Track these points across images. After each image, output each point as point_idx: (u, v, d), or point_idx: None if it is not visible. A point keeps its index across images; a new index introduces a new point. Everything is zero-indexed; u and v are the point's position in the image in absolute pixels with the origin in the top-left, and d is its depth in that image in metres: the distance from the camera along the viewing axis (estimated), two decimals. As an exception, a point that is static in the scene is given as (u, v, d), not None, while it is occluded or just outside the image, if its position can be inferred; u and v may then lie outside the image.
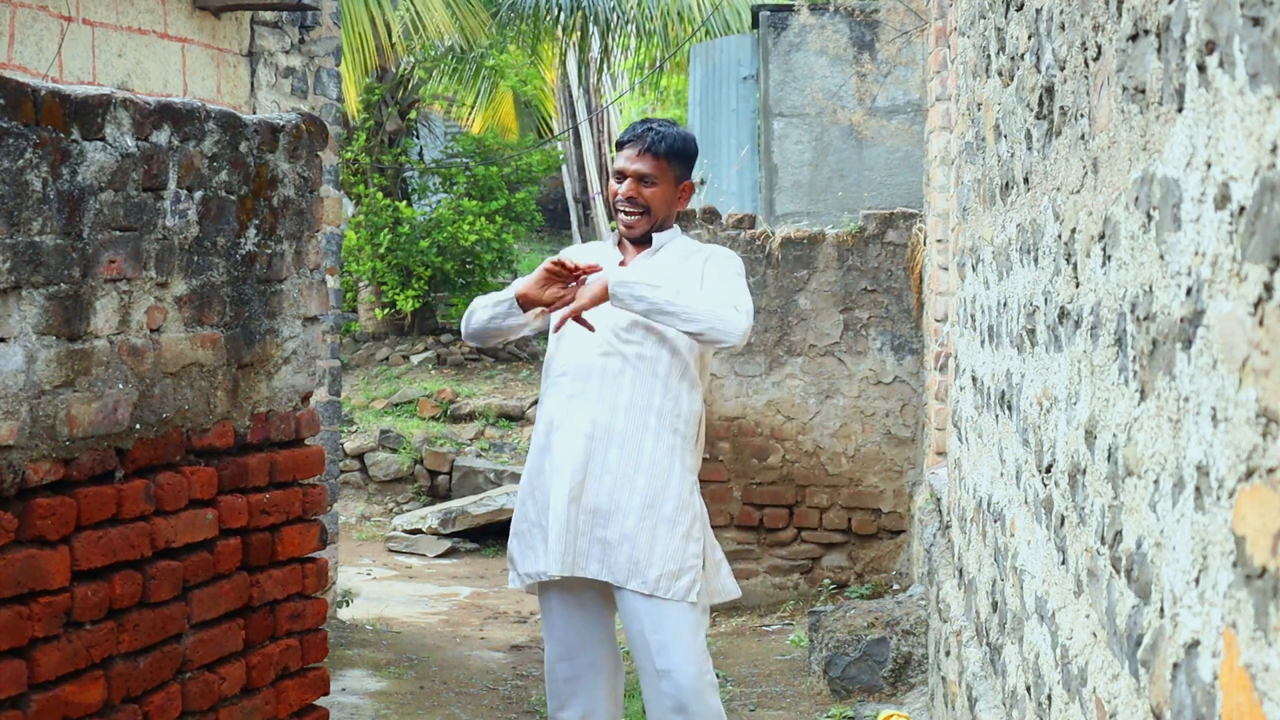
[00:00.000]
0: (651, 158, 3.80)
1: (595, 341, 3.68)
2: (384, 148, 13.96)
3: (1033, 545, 2.41)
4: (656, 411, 3.66)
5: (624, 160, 3.84)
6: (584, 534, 3.63)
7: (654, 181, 3.80)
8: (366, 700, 5.64)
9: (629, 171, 3.81)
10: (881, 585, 7.21)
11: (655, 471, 3.64)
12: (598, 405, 3.66)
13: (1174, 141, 1.36)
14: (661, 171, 3.81)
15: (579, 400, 3.68)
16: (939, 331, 5.90)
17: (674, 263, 3.79)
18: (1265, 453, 1.07)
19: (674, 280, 3.71)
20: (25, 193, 2.59)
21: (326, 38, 6.48)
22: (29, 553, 2.58)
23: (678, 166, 3.84)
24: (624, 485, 3.63)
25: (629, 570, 3.61)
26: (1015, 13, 2.63)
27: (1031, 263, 2.42)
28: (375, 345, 13.51)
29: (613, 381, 3.66)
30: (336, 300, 6.79)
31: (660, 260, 3.81)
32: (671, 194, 3.84)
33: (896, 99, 8.87)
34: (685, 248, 3.85)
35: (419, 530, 9.68)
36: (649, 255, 3.83)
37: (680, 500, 3.66)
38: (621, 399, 3.66)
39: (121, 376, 2.85)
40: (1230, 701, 1.14)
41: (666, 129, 3.85)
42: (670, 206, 3.85)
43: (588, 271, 3.66)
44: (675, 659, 3.61)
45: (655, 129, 3.84)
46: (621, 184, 3.82)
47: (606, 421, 3.65)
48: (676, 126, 3.90)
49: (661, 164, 3.80)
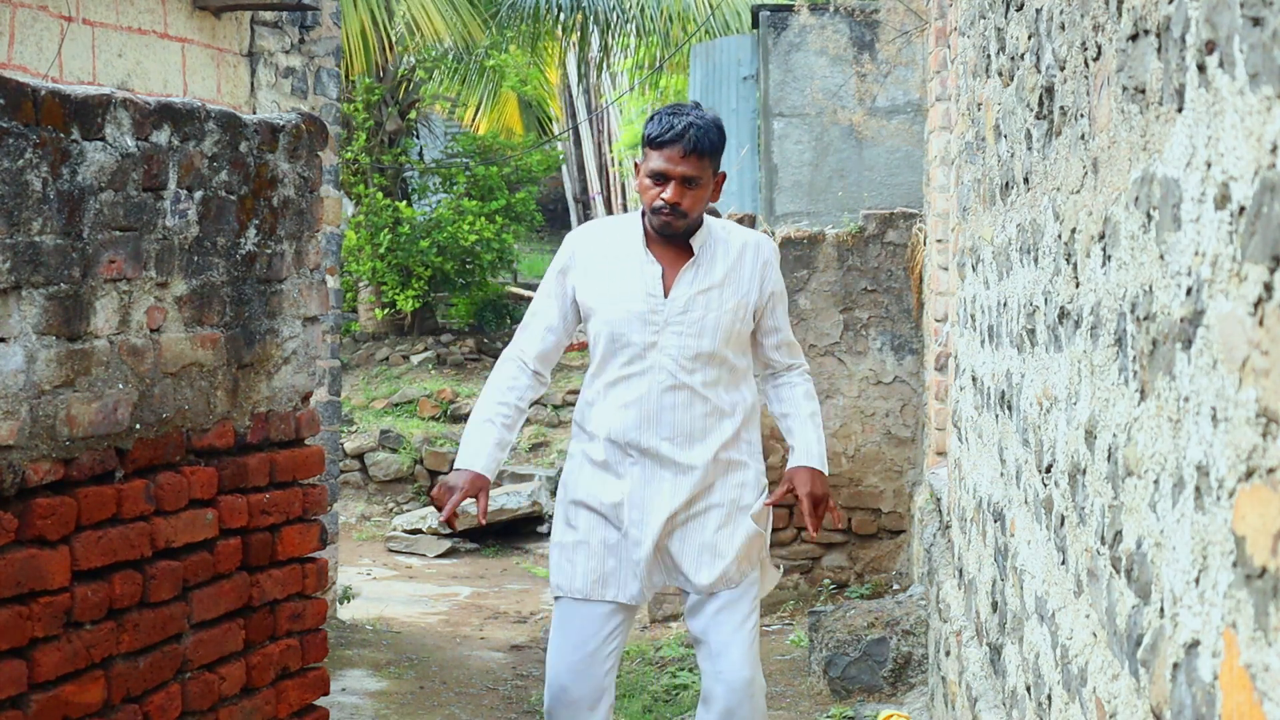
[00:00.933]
0: (696, 159, 3.51)
1: (661, 372, 3.55)
2: (384, 148, 13.96)
3: (1033, 545, 2.41)
4: (729, 438, 3.59)
5: (664, 161, 3.51)
6: (662, 564, 3.58)
7: (698, 183, 3.52)
8: (366, 700, 5.64)
9: (674, 174, 3.50)
10: (881, 585, 7.21)
11: (728, 497, 3.60)
12: (673, 440, 3.55)
13: (1174, 141, 1.36)
14: (704, 171, 3.53)
15: (649, 432, 3.55)
16: (939, 331, 5.90)
17: (721, 273, 3.59)
18: (1265, 453, 1.07)
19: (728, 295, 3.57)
20: (25, 193, 2.59)
21: (326, 38, 6.48)
22: (29, 553, 2.58)
23: (716, 160, 3.57)
24: (698, 519, 3.57)
25: (710, 574, 3.55)
26: (1015, 13, 2.63)
27: (1031, 263, 2.42)
28: (375, 345, 13.51)
29: (684, 414, 3.56)
30: (336, 300, 6.79)
31: (709, 271, 3.59)
32: (709, 190, 3.59)
33: (896, 99, 8.87)
34: (724, 247, 3.61)
35: (419, 530, 9.67)
36: (692, 270, 3.59)
37: (758, 488, 3.66)
38: (696, 433, 3.56)
39: (121, 376, 2.85)
40: (1230, 701, 1.14)
41: (704, 121, 3.54)
42: (707, 203, 3.61)
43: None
44: (734, 660, 3.53)
45: (695, 124, 3.52)
46: (662, 186, 3.52)
47: (685, 458, 3.55)
48: (707, 114, 3.60)
49: (705, 163, 3.53)
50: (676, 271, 3.59)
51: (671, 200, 3.50)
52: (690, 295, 3.56)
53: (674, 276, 3.59)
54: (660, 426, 3.54)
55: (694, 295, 3.57)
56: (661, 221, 3.54)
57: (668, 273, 3.60)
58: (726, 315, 3.56)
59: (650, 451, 3.54)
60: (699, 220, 3.59)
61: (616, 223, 3.75)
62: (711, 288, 3.58)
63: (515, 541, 9.61)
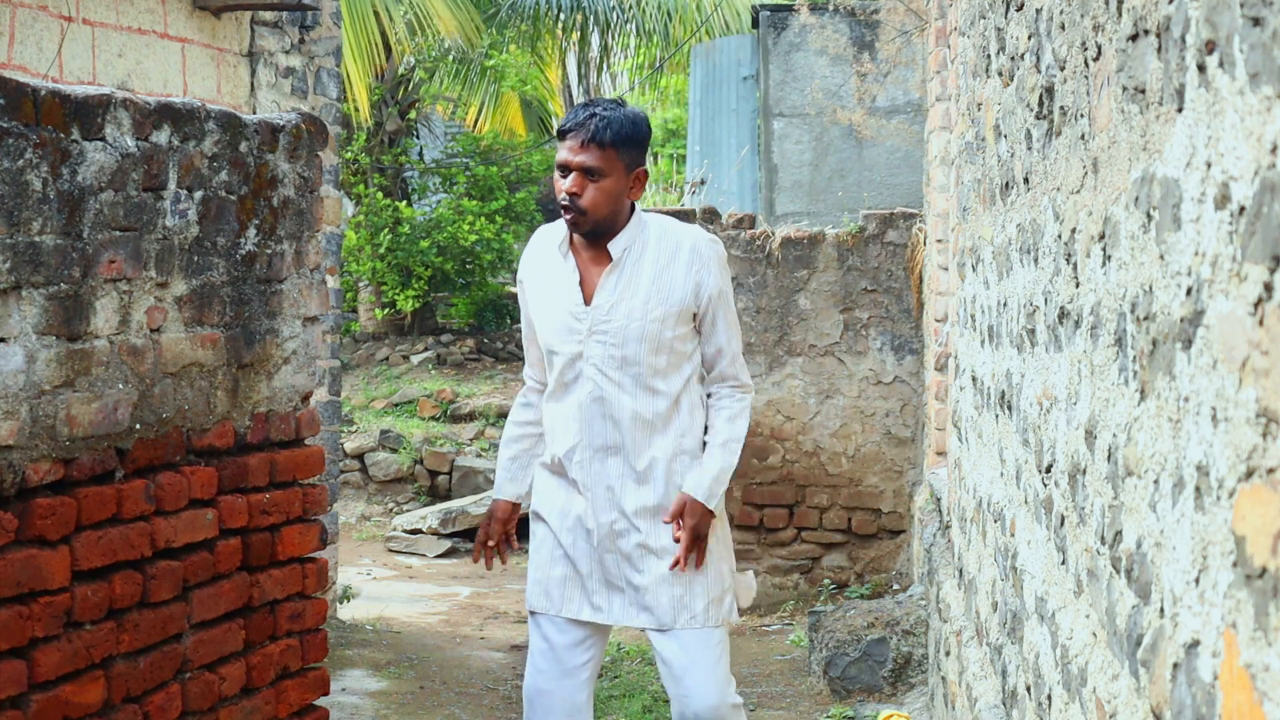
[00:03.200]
0: (597, 148, 3.33)
1: (588, 383, 3.40)
2: (384, 148, 13.97)
3: (1033, 545, 2.41)
4: (674, 449, 3.41)
5: (566, 152, 3.36)
6: (617, 584, 3.42)
7: (601, 175, 3.34)
8: (366, 700, 5.64)
9: (573, 165, 3.34)
10: (881, 585, 7.21)
11: None
12: (618, 447, 3.40)
13: (1174, 141, 1.36)
14: (610, 162, 3.34)
15: (593, 437, 3.41)
16: (939, 331, 5.90)
17: (649, 276, 3.38)
18: (1265, 453, 1.07)
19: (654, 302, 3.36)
20: (25, 193, 2.59)
21: (326, 38, 6.48)
22: (29, 553, 2.58)
23: (628, 154, 3.36)
24: (653, 530, 3.40)
25: (675, 610, 3.38)
26: (1015, 13, 2.63)
27: (1031, 263, 2.42)
28: (375, 345, 13.52)
29: (613, 426, 3.40)
30: (336, 300, 6.79)
31: (634, 276, 3.39)
32: (622, 186, 3.37)
33: (896, 99, 8.87)
34: (656, 247, 3.41)
35: (419, 530, 9.68)
36: (614, 272, 3.40)
37: (713, 525, 3.43)
38: (640, 439, 3.39)
39: (121, 376, 2.85)
40: (1230, 701, 1.14)
41: (612, 112, 3.37)
42: (620, 200, 3.38)
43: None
44: (699, 683, 3.38)
45: (600, 114, 3.36)
46: (565, 178, 3.37)
47: (629, 465, 3.40)
48: (624, 107, 3.43)
49: (609, 154, 3.34)
50: (599, 277, 3.42)
51: (569, 191, 3.34)
52: (612, 302, 3.38)
53: (596, 282, 3.42)
54: (593, 438, 3.40)
55: (615, 302, 3.38)
56: (566, 218, 3.39)
57: (589, 278, 3.44)
58: (653, 324, 3.36)
59: (584, 464, 3.43)
60: (610, 219, 3.39)
61: (552, 229, 3.58)
62: (635, 294, 3.38)
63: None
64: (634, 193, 3.42)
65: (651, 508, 3.40)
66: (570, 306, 3.42)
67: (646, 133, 3.43)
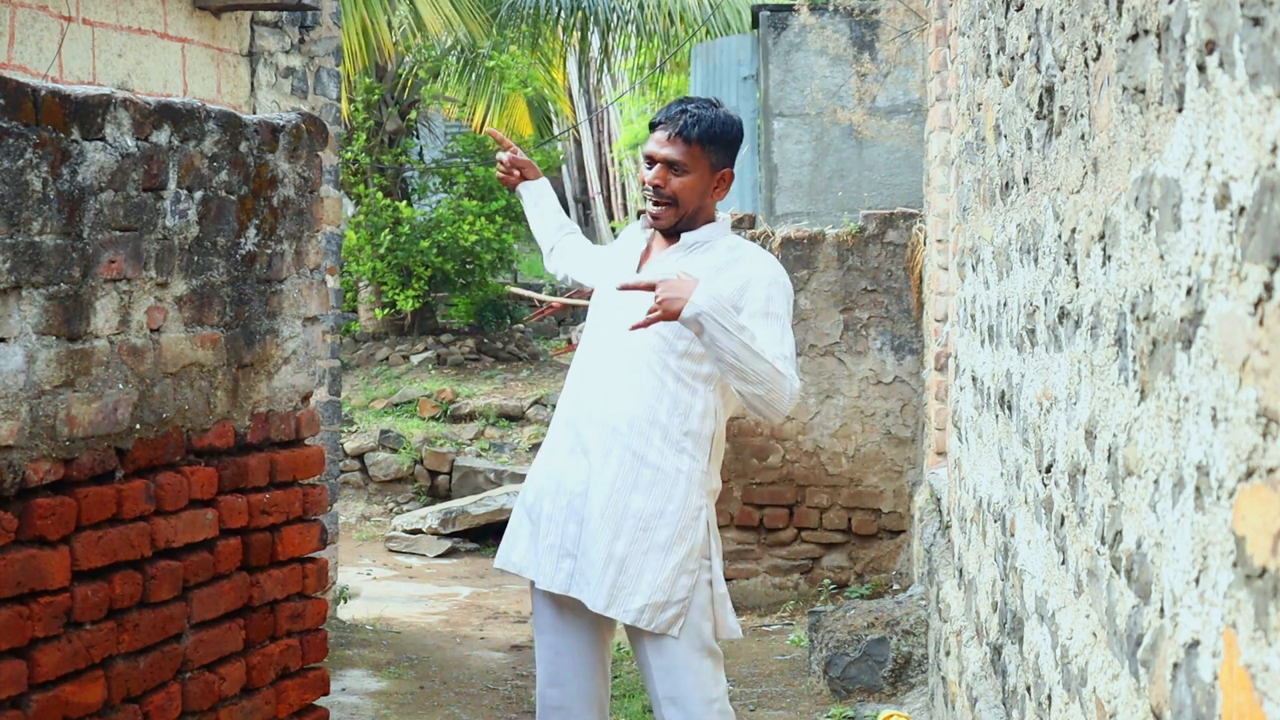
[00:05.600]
0: (683, 143, 3.37)
1: (620, 351, 3.36)
2: (384, 148, 13.97)
3: (1033, 545, 2.41)
4: (662, 427, 3.31)
5: (653, 144, 3.41)
6: (573, 551, 3.35)
7: (685, 170, 3.38)
8: (366, 700, 5.64)
9: (657, 157, 3.39)
10: (881, 585, 7.21)
11: (654, 493, 3.30)
12: (604, 414, 3.34)
13: (1174, 141, 1.36)
14: (694, 159, 3.38)
15: (586, 406, 3.37)
16: (939, 331, 5.90)
17: (709, 269, 3.34)
18: (1265, 453, 1.07)
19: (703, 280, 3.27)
20: (25, 193, 2.59)
21: (326, 38, 6.48)
22: (29, 553, 2.58)
23: (714, 153, 3.40)
24: (617, 506, 3.30)
25: (610, 596, 3.28)
26: (1015, 13, 2.63)
27: (1031, 263, 2.42)
28: (375, 345, 13.52)
29: (623, 387, 3.33)
30: (336, 300, 6.79)
31: (693, 264, 3.36)
32: (706, 184, 3.40)
33: (896, 99, 8.87)
34: (725, 254, 3.40)
35: (419, 530, 9.68)
36: (677, 252, 3.42)
37: (678, 529, 3.30)
38: (629, 409, 3.31)
39: (121, 376, 2.85)
40: (1230, 701, 1.14)
41: (704, 111, 3.41)
42: (704, 198, 3.41)
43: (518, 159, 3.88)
44: (681, 689, 3.31)
45: (691, 110, 3.40)
46: (650, 170, 3.41)
47: (608, 435, 3.33)
48: (718, 108, 3.46)
49: (694, 150, 3.37)
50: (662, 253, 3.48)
51: (653, 182, 3.39)
52: (664, 271, 3.35)
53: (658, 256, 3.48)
54: (597, 394, 3.41)
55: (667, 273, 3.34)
56: (650, 209, 3.43)
57: (652, 254, 3.50)
58: None
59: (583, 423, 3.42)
60: (692, 216, 3.42)
61: (636, 225, 3.67)
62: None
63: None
64: (718, 193, 3.45)
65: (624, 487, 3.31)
66: (626, 269, 3.50)
67: (737, 135, 3.44)
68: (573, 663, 3.43)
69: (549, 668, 3.45)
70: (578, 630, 3.43)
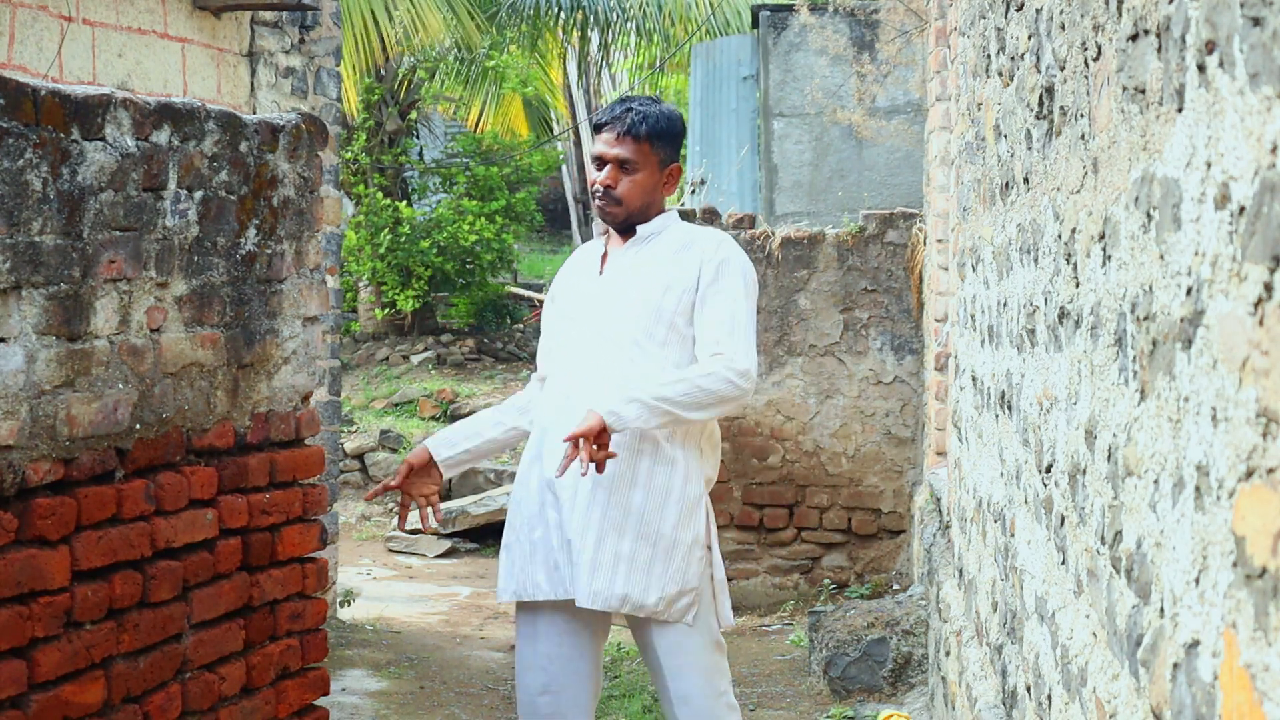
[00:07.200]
0: (632, 141, 3.44)
1: (589, 350, 3.41)
2: (384, 148, 13.97)
3: (1033, 545, 2.41)
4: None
5: (602, 144, 3.47)
6: (577, 558, 3.34)
7: (635, 168, 3.45)
8: (366, 700, 5.64)
9: (608, 157, 3.45)
10: (881, 585, 7.21)
11: (653, 488, 3.33)
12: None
13: (1174, 141, 1.36)
14: (644, 156, 3.45)
15: (569, 414, 3.34)
16: (939, 331, 5.90)
17: (667, 255, 3.44)
18: (1265, 453, 1.07)
19: (665, 276, 3.39)
20: (25, 193, 2.59)
21: (326, 38, 6.48)
22: (29, 553, 2.58)
23: (662, 148, 3.48)
24: (618, 505, 3.32)
25: (624, 596, 3.31)
26: (1015, 13, 2.63)
27: (1031, 263, 2.42)
28: (375, 345, 13.52)
29: (607, 384, 3.33)
30: (336, 300, 6.79)
31: (651, 253, 3.46)
32: (655, 180, 3.48)
33: (896, 99, 8.87)
34: (681, 237, 3.48)
35: (419, 530, 9.67)
36: (634, 246, 3.49)
37: (679, 518, 3.34)
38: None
39: (121, 376, 2.85)
40: (1230, 701, 1.14)
41: (648, 108, 3.48)
42: (654, 193, 3.49)
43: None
44: (690, 683, 3.34)
45: (635, 108, 3.47)
46: (600, 171, 3.47)
47: None
48: (659, 104, 3.53)
49: (644, 147, 3.45)
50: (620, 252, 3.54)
51: (604, 183, 3.45)
52: (623, 269, 3.47)
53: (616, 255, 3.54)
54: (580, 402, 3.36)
55: (628, 269, 3.46)
56: (598, 207, 3.49)
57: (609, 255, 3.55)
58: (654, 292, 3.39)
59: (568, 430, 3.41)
60: (643, 211, 3.48)
61: (588, 245, 3.72)
62: (654, 264, 3.44)
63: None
64: (667, 188, 3.53)
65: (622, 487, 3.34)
66: (588, 276, 3.55)
67: (681, 129, 3.53)
68: (571, 669, 3.44)
69: (542, 675, 3.44)
70: (575, 636, 3.44)
